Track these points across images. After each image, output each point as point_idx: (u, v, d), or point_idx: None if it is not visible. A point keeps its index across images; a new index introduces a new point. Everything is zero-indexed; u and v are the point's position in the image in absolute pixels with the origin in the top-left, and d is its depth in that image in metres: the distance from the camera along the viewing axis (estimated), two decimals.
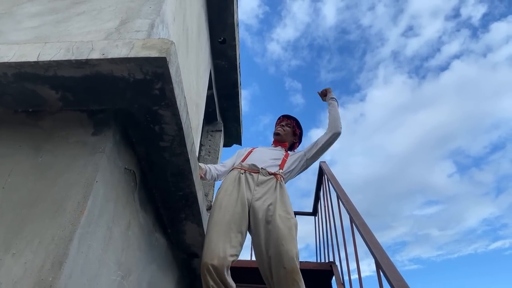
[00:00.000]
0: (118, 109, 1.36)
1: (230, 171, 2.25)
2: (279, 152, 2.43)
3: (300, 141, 2.71)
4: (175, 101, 1.33)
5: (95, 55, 1.20)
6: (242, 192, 2.03)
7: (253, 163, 2.23)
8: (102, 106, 1.37)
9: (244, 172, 2.16)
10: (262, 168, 2.18)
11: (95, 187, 1.19)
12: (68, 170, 1.22)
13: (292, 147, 2.65)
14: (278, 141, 2.56)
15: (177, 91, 1.32)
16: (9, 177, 1.21)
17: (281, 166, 2.29)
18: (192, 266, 2.50)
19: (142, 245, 1.70)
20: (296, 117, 2.67)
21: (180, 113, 1.39)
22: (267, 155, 2.35)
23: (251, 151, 2.42)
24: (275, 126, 2.67)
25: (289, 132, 2.60)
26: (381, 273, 1.47)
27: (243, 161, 2.29)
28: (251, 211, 1.98)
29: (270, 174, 2.16)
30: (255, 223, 1.93)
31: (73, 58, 1.20)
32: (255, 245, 1.92)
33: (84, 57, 1.20)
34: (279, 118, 2.72)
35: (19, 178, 1.21)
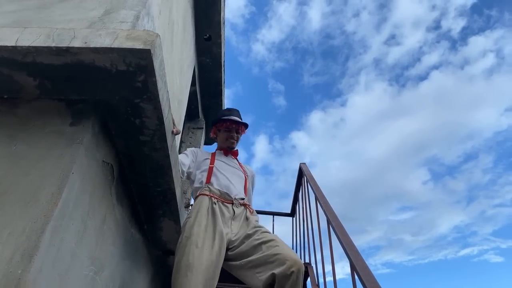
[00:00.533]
0: (99, 100, 1.33)
1: (198, 196, 1.99)
2: (239, 170, 2.23)
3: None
4: (158, 95, 1.31)
5: (76, 43, 1.17)
6: (219, 228, 1.80)
7: (224, 189, 2.01)
8: (81, 96, 1.33)
9: (217, 201, 1.93)
10: (235, 198, 2.00)
11: (70, 178, 1.16)
12: (43, 160, 1.18)
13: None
14: (229, 150, 2.33)
15: (160, 85, 1.30)
16: None
17: (245, 191, 2.14)
18: (167, 263, 2.47)
19: (117, 241, 1.66)
20: (242, 121, 2.34)
21: (162, 107, 1.37)
22: (232, 177, 2.12)
23: (212, 168, 2.12)
24: (223, 129, 2.33)
25: (239, 139, 2.36)
26: (356, 275, 1.49)
27: (208, 181, 2.04)
28: (229, 246, 1.82)
29: (241, 205, 2.01)
30: (240, 254, 1.76)
31: (53, 45, 1.17)
32: (242, 269, 1.73)
33: (65, 45, 1.16)
34: (226, 120, 2.30)
35: None
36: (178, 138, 3.25)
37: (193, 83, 4.04)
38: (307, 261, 3.11)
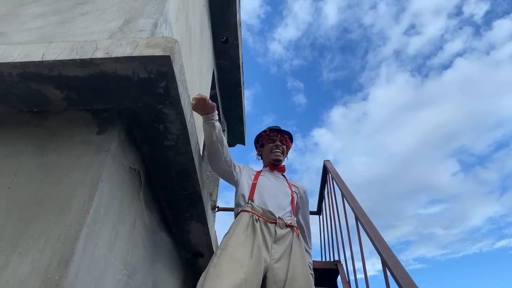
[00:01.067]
0: (123, 108, 1.36)
1: (239, 213, 1.80)
2: (286, 187, 2.01)
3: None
4: (179, 100, 1.33)
5: (99, 54, 1.20)
6: (258, 250, 1.59)
7: (267, 207, 1.80)
8: (106, 105, 1.37)
9: (258, 219, 1.73)
10: (279, 218, 1.78)
11: (100, 185, 1.19)
12: (73, 169, 1.22)
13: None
14: (275, 165, 2.13)
15: (181, 90, 1.32)
16: (15, 177, 1.21)
17: (293, 211, 1.91)
18: (197, 266, 2.50)
19: (148, 244, 1.70)
20: (287, 131, 2.21)
21: (185, 112, 1.39)
22: (278, 194, 1.92)
23: (255, 184, 1.94)
24: (266, 142, 2.17)
25: (285, 152, 2.16)
26: (388, 271, 1.46)
27: (251, 198, 1.85)
28: (268, 274, 1.59)
29: (287, 226, 1.77)
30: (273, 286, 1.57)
31: (77, 57, 1.20)
32: None
33: (88, 56, 1.20)
34: (269, 132, 2.16)
35: (25, 177, 1.21)
36: (201, 141, 3.28)
37: (212, 86, 4.08)
38: (336, 258, 3.08)
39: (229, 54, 4.10)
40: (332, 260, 3.20)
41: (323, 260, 3.53)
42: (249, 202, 1.82)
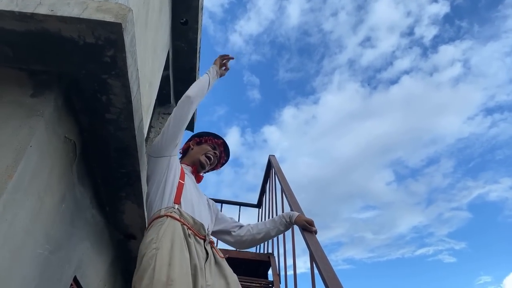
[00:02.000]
0: (63, 72, 1.27)
1: (163, 217, 1.40)
2: (204, 197, 1.77)
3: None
4: (127, 72, 1.27)
5: (42, 10, 1.11)
6: (197, 275, 1.28)
7: (198, 218, 1.49)
8: (44, 67, 1.27)
9: (191, 234, 1.40)
10: (207, 234, 1.51)
11: (28, 151, 1.10)
12: None
13: None
14: (198, 171, 1.83)
15: (129, 61, 1.26)
16: None
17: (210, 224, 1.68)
18: (128, 248, 2.43)
19: (76, 221, 1.61)
20: (229, 156, 1.98)
21: (131, 85, 1.33)
22: (201, 203, 1.64)
23: (182, 185, 1.58)
24: (206, 144, 1.86)
25: (213, 165, 1.89)
26: (314, 264, 1.52)
27: (177, 201, 1.48)
28: None
29: (210, 242, 1.51)
30: None
31: (16, 9, 1.10)
32: None
33: (29, 11, 1.10)
34: (216, 138, 1.89)
35: None
36: (147, 122, 3.18)
37: (166, 67, 3.95)
38: (269, 251, 3.15)
39: (187, 37, 3.99)
40: (265, 252, 3.26)
41: (257, 251, 3.59)
42: (175, 206, 1.45)
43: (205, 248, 1.42)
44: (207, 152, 1.83)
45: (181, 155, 1.94)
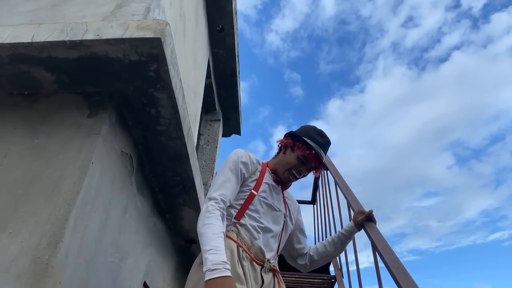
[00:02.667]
0: (114, 91, 1.36)
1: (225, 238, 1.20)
2: (281, 214, 1.45)
3: None
4: (171, 83, 1.32)
5: (89, 36, 1.19)
6: None
7: (259, 241, 1.29)
8: (97, 88, 1.36)
9: (246, 257, 1.23)
10: (268, 260, 1.29)
11: (91, 168, 1.19)
12: (63, 151, 1.22)
13: None
14: (285, 184, 1.52)
15: (172, 73, 1.31)
16: (5, 159, 1.21)
17: (278, 251, 1.42)
18: (190, 252, 2.52)
19: (140, 229, 1.70)
20: (326, 165, 1.57)
21: (176, 96, 1.38)
22: (273, 223, 1.38)
23: (253, 196, 1.34)
24: (297, 152, 1.46)
25: (300, 178, 1.54)
26: (377, 255, 1.48)
27: (238, 217, 1.30)
28: None
29: (271, 270, 1.31)
30: None
31: (67, 39, 1.20)
32: None
33: (78, 38, 1.19)
34: (311, 148, 1.44)
35: (15, 159, 1.21)
36: (195, 130, 3.28)
37: (208, 75, 4.05)
38: None
39: (224, 43, 4.07)
40: None
41: None
42: (235, 223, 1.28)
43: (261, 275, 1.24)
44: (293, 168, 1.46)
45: (277, 152, 1.57)
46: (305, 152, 1.46)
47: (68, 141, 1.24)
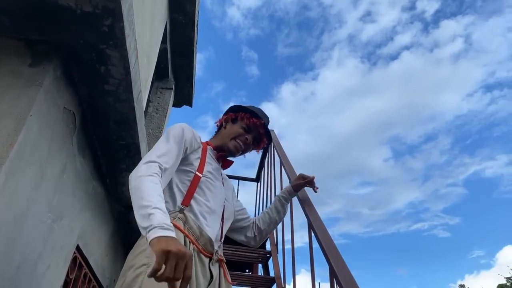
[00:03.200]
0: (61, 42, 1.27)
1: None
2: (223, 196, 1.37)
3: None
4: (125, 42, 1.26)
5: None
6: None
7: (207, 230, 1.18)
8: (42, 37, 1.26)
9: (194, 249, 1.11)
10: (216, 252, 1.21)
11: (28, 121, 1.11)
12: None
13: None
14: (226, 157, 1.46)
15: (127, 31, 1.25)
16: None
17: (222, 235, 1.33)
18: (129, 219, 2.47)
19: (77, 191, 1.64)
20: (271, 137, 1.61)
21: (129, 56, 1.32)
22: (217, 207, 1.29)
23: (198, 180, 1.25)
24: (240, 124, 1.46)
25: (246, 151, 1.52)
26: (312, 233, 1.56)
27: (186, 203, 1.18)
28: None
29: (218, 260, 1.23)
30: None
31: None
32: None
33: None
34: (252, 116, 1.47)
35: None
36: (145, 96, 3.17)
37: (163, 40, 3.89)
38: None
39: (184, 9, 3.92)
40: None
41: None
42: (182, 209, 1.17)
43: (209, 269, 1.15)
44: (238, 137, 1.43)
45: (216, 131, 1.56)
46: (250, 120, 1.45)
47: (5, 90, 1.15)
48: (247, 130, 1.46)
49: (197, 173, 1.26)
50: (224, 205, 1.36)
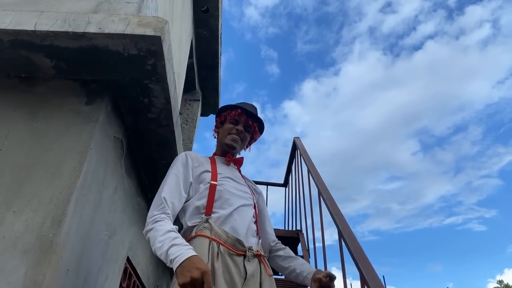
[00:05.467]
0: (111, 80, 1.43)
1: (194, 238, 1.23)
2: (247, 192, 1.47)
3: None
4: (166, 77, 1.41)
5: (92, 29, 1.26)
6: None
7: (233, 232, 1.26)
8: (94, 77, 1.43)
9: (224, 250, 1.19)
10: (249, 249, 1.25)
11: (89, 154, 1.28)
12: (63, 137, 1.30)
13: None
14: (232, 155, 1.58)
15: (168, 67, 1.40)
16: (6, 140, 1.28)
17: (257, 230, 1.41)
18: None
19: (126, 208, 1.81)
20: (258, 117, 1.63)
21: (169, 88, 1.48)
22: (242, 205, 1.37)
23: (214, 188, 1.35)
24: (224, 120, 1.60)
25: (247, 140, 1.60)
26: (343, 242, 1.67)
27: (208, 212, 1.28)
28: None
29: (255, 255, 1.27)
30: None
31: (70, 30, 1.26)
32: None
33: (81, 30, 1.26)
34: (233, 108, 1.59)
35: (16, 141, 1.28)
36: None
37: (190, 55, 4.08)
38: (298, 228, 3.33)
39: (208, 24, 4.09)
40: (294, 229, 3.44)
41: (286, 229, 3.77)
42: (207, 220, 1.25)
43: (244, 266, 1.20)
44: (230, 131, 1.54)
45: (216, 138, 1.67)
46: (231, 113, 1.57)
47: (67, 127, 1.32)
48: (235, 122, 1.56)
49: (211, 182, 1.36)
50: (252, 197, 1.47)
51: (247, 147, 1.67)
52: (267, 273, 1.28)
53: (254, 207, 1.45)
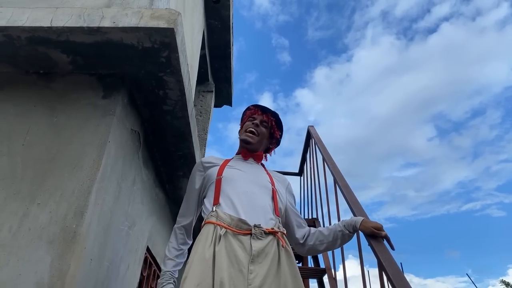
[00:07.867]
0: (126, 74, 1.45)
1: (203, 225, 1.32)
2: (264, 178, 1.53)
3: (277, 144, 1.74)
4: (180, 69, 1.42)
5: (106, 23, 1.27)
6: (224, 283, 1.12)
7: (238, 212, 1.31)
8: (110, 71, 1.45)
9: (226, 232, 1.24)
10: (255, 226, 1.28)
11: (107, 146, 1.31)
12: (82, 130, 1.33)
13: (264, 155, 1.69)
14: (249, 150, 1.60)
15: (181, 59, 1.41)
16: (28, 135, 1.32)
17: (276, 210, 1.44)
18: None
19: (145, 199, 1.85)
20: (276, 112, 1.68)
21: (184, 80, 1.49)
22: (253, 189, 1.43)
23: (220, 181, 1.42)
24: (243, 121, 1.67)
25: (264, 135, 1.62)
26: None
27: (216, 202, 1.36)
28: None
29: (268, 232, 1.29)
30: None
31: (85, 25, 1.27)
32: None
33: (95, 25, 1.27)
34: (249, 109, 1.68)
35: (37, 136, 1.32)
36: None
37: (202, 47, 4.08)
38: (314, 216, 3.33)
39: (220, 14, 4.08)
40: (310, 217, 3.45)
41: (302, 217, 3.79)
42: (214, 208, 1.33)
43: (250, 244, 1.23)
44: (246, 129, 1.60)
45: None
46: (247, 112, 1.68)
47: (86, 121, 1.35)
48: (252, 120, 1.63)
49: (216, 178, 1.44)
50: (270, 182, 1.52)
51: (270, 150, 1.71)
52: (284, 247, 1.30)
53: (272, 190, 1.48)
